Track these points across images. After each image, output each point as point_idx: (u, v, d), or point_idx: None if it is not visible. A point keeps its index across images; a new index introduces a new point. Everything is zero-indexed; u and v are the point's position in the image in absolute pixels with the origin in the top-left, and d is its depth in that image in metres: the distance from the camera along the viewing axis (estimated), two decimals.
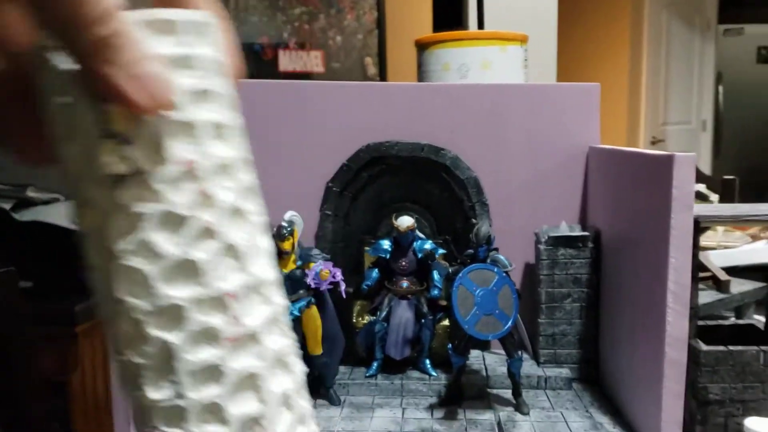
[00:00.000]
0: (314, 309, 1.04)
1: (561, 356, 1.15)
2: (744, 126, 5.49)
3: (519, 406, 1.03)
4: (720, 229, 1.68)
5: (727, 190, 2.20)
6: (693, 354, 0.90)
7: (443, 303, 1.17)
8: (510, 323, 0.98)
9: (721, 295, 1.26)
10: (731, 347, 0.96)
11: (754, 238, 1.70)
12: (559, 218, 1.17)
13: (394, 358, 1.12)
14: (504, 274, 0.99)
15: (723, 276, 1.28)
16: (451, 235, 1.20)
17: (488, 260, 1.00)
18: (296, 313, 1.03)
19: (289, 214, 1.04)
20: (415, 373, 1.14)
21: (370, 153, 1.18)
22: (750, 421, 0.72)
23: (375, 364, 1.13)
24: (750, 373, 0.95)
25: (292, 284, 1.04)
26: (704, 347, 0.96)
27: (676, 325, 0.87)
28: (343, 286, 1.01)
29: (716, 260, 1.36)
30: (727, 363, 0.96)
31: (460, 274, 0.97)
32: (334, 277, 0.99)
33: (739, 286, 1.30)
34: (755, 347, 0.96)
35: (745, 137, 5.50)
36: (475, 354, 1.19)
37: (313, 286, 1.00)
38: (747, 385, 0.96)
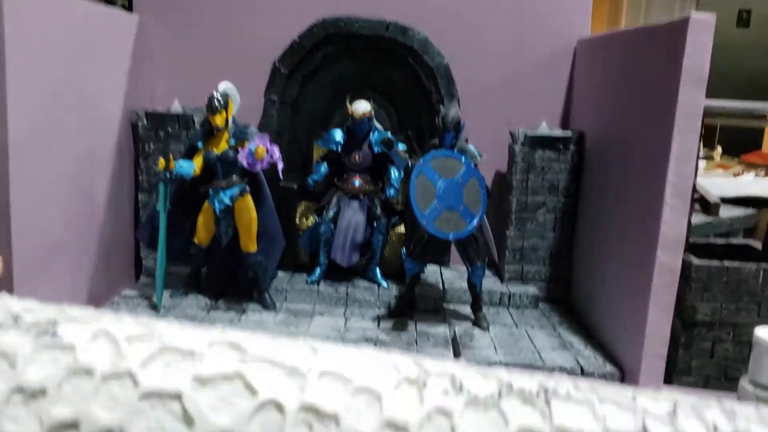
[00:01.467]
0: (249, 198, 0.89)
1: (528, 273, 1.02)
2: (722, 91, 5.41)
3: (478, 321, 0.90)
4: (701, 165, 1.57)
5: (707, 141, 2.10)
6: (682, 269, 0.77)
7: (399, 207, 1.02)
8: (475, 222, 0.84)
9: (710, 219, 1.15)
10: (727, 262, 0.83)
11: (736, 176, 1.59)
12: (538, 119, 1.02)
13: (340, 264, 0.97)
14: (473, 166, 0.84)
15: (712, 198, 1.17)
16: (414, 132, 1.05)
17: (455, 149, 0.86)
18: (228, 202, 0.88)
19: (223, 86, 0.88)
20: (363, 282, 0.99)
21: (326, 29, 1.01)
22: (760, 330, 0.59)
23: (318, 270, 0.98)
24: (746, 293, 0.83)
25: (225, 167, 0.88)
26: (696, 261, 0.83)
27: (673, 224, 0.73)
28: (281, 165, 0.85)
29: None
30: (721, 280, 0.83)
31: (421, 161, 0.82)
32: (271, 156, 0.83)
33: (729, 212, 1.19)
34: (754, 263, 0.83)
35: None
36: (431, 269, 1.06)
37: (245, 165, 0.84)
38: (741, 306, 0.83)
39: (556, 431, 0.25)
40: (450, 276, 1.03)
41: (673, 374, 0.84)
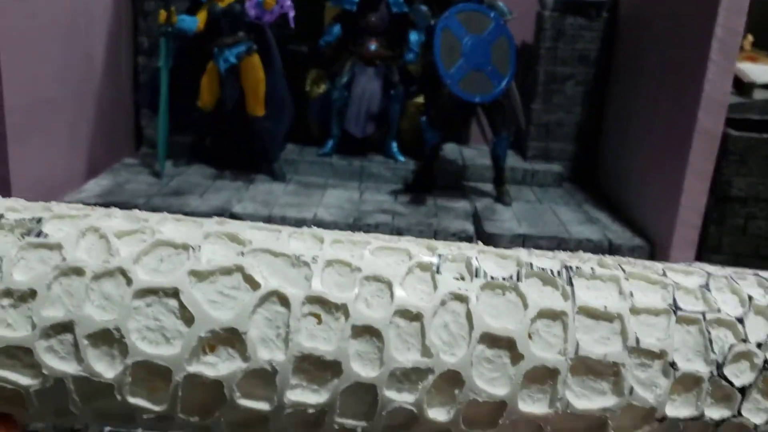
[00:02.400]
0: (256, 58, 0.82)
1: (553, 151, 0.97)
2: None
3: (500, 195, 0.85)
4: None
5: None
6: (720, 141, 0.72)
7: (418, 75, 0.96)
8: (504, 84, 0.78)
9: (743, 99, 1.09)
10: (766, 135, 0.78)
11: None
12: None
13: (354, 135, 0.92)
14: (502, 23, 0.77)
15: (747, 77, 1.10)
16: None
17: (483, 3, 0.78)
18: (233, 60, 0.81)
19: None
20: (378, 157, 0.94)
21: None
22: None
23: (330, 142, 0.93)
24: None
25: (230, 23, 0.81)
26: (735, 132, 0.77)
27: (717, 85, 0.68)
28: (291, 13, 0.78)
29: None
30: (759, 153, 0.78)
31: (446, 13, 0.75)
32: (281, 6, 0.76)
33: (762, 94, 1.13)
34: None
35: None
36: (450, 147, 1.00)
37: (252, 17, 0.77)
38: None
39: (579, 311, 0.23)
40: (470, 154, 0.98)
41: (703, 251, 0.80)
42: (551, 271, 0.24)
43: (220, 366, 0.22)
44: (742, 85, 1.14)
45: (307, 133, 0.96)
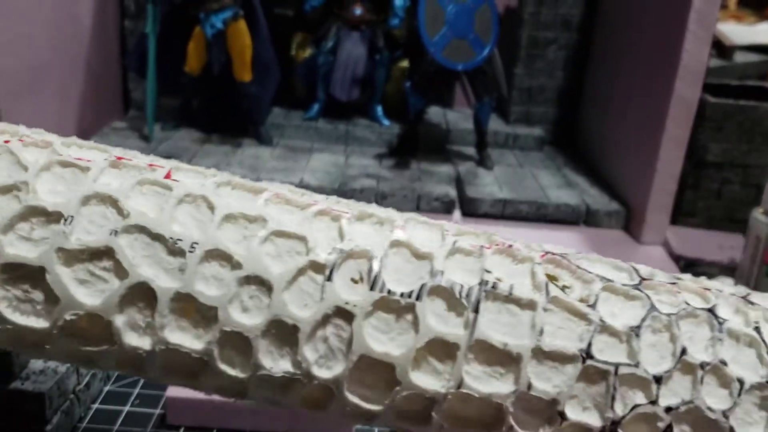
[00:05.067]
0: (242, 23, 0.83)
1: (535, 115, 0.98)
2: None
3: (483, 160, 0.87)
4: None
5: None
6: (696, 107, 0.74)
7: (403, 40, 0.96)
8: (486, 52, 0.79)
9: (723, 63, 1.10)
10: (742, 101, 0.80)
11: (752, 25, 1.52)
12: None
13: (339, 99, 0.93)
14: None
15: (728, 41, 1.12)
16: None
17: None
18: (220, 26, 0.82)
19: None
20: (364, 120, 0.96)
21: None
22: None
23: (316, 106, 0.94)
24: (759, 134, 0.81)
25: None
26: (711, 99, 0.79)
27: (694, 54, 0.69)
28: None
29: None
30: (735, 119, 0.80)
31: None
32: None
33: (743, 57, 1.14)
34: None
35: None
36: (435, 110, 1.02)
37: None
38: (753, 147, 0.81)
39: (474, 345, 0.22)
40: (454, 117, 0.99)
41: (679, 215, 0.82)
42: (460, 290, 0.23)
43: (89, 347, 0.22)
44: (723, 48, 1.16)
45: (292, 97, 0.97)
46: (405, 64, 0.96)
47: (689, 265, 0.73)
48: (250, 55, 0.84)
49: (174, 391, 0.43)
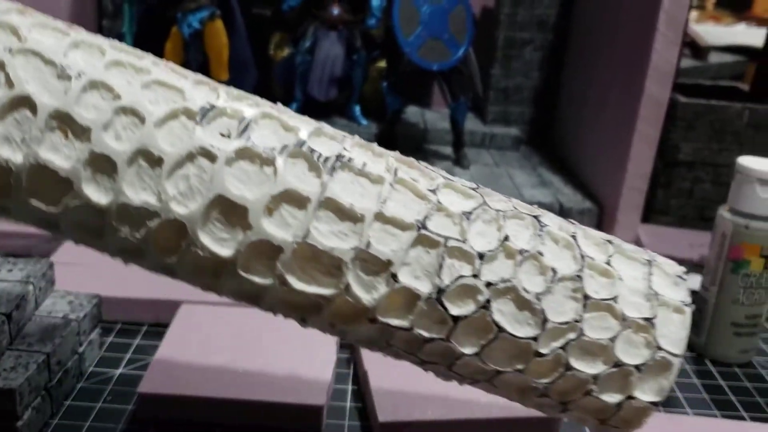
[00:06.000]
0: (219, 23, 0.83)
1: (512, 115, 1.00)
2: None
3: (459, 159, 0.88)
4: (693, 14, 1.51)
5: None
6: (668, 107, 0.75)
7: (380, 40, 0.97)
8: (461, 52, 0.80)
9: (698, 63, 1.12)
10: (713, 101, 0.81)
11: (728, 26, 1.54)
12: None
13: (317, 99, 0.93)
14: None
15: (703, 41, 1.13)
16: None
17: None
18: (197, 26, 0.82)
19: None
20: (342, 120, 0.96)
21: None
22: (743, 159, 0.58)
23: (294, 106, 0.95)
24: (729, 133, 0.82)
25: None
26: (683, 99, 0.81)
27: (664, 54, 0.71)
28: None
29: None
30: (706, 119, 0.82)
31: None
32: None
33: (718, 57, 1.16)
34: (740, 104, 0.82)
35: None
36: (413, 110, 1.03)
37: None
38: (723, 147, 0.83)
39: (324, 202, 0.24)
40: (432, 117, 1.00)
41: (651, 213, 0.84)
42: (319, 156, 0.25)
43: None
44: (698, 49, 1.18)
45: (271, 97, 0.97)
46: (382, 64, 0.97)
47: None
48: (227, 55, 0.84)
49: (146, 387, 0.44)
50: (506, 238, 0.26)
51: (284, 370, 0.48)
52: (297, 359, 0.49)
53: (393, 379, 0.48)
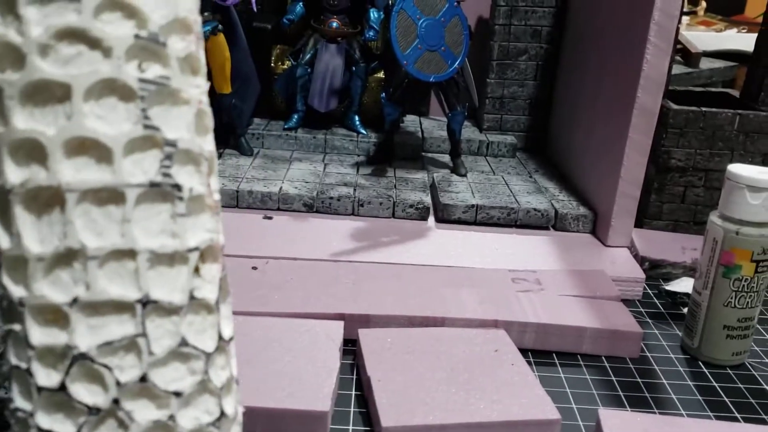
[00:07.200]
0: (221, 37, 0.85)
1: (507, 122, 1.01)
2: None
3: (456, 167, 0.90)
4: (684, 19, 1.54)
5: None
6: (660, 114, 0.77)
7: (378, 51, 0.99)
8: (456, 64, 0.82)
9: (689, 69, 1.14)
10: (704, 108, 0.83)
11: (719, 32, 1.56)
12: None
13: (317, 110, 0.95)
14: (455, 4, 0.81)
15: (694, 48, 1.15)
16: None
17: None
18: None
19: None
20: (342, 130, 0.98)
21: None
22: (733, 167, 0.60)
23: (295, 117, 0.97)
24: (720, 139, 0.84)
25: None
26: (674, 106, 0.83)
27: (655, 65, 0.73)
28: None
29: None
30: (697, 125, 0.83)
31: None
32: None
33: (709, 64, 1.18)
34: (730, 110, 0.84)
35: None
36: (410, 119, 1.05)
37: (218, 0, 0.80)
38: (714, 152, 0.84)
39: None
40: (429, 125, 1.02)
41: (645, 218, 0.86)
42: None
43: None
44: (689, 55, 1.20)
45: (272, 108, 1.00)
46: (381, 75, 0.99)
47: (654, 267, 0.77)
48: (229, 68, 0.86)
49: None
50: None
51: (289, 376, 0.49)
52: (301, 366, 0.51)
53: (396, 385, 0.50)
